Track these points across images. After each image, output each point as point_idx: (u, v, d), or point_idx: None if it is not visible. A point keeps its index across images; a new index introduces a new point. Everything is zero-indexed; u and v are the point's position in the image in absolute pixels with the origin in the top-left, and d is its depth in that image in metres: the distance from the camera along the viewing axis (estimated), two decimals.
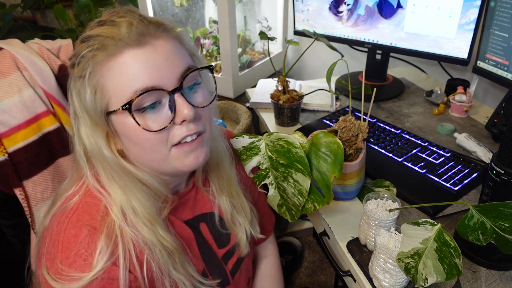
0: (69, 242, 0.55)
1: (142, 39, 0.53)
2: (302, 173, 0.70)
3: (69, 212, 0.58)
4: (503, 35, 1.00)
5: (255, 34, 1.80)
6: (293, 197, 0.73)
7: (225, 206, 0.72)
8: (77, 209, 0.58)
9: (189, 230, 0.68)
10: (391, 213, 0.68)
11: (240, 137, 0.74)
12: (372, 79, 1.36)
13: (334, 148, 0.70)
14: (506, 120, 0.99)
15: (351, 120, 0.77)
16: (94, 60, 0.53)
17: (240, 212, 0.74)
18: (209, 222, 0.72)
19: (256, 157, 0.74)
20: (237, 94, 1.57)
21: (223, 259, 0.74)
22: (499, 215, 0.54)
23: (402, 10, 1.16)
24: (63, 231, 0.56)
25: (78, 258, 0.54)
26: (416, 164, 0.92)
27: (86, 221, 0.57)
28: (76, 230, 0.56)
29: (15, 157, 0.79)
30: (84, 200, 0.59)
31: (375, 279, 0.65)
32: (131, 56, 0.53)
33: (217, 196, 0.72)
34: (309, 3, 1.33)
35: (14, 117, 0.78)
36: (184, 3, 1.69)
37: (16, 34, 1.89)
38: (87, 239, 0.55)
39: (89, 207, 0.58)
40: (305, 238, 1.80)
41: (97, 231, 0.56)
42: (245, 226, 0.75)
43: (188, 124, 0.57)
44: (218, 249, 0.73)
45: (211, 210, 0.73)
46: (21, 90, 0.79)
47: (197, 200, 0.71)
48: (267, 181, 0.75)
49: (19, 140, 0.79)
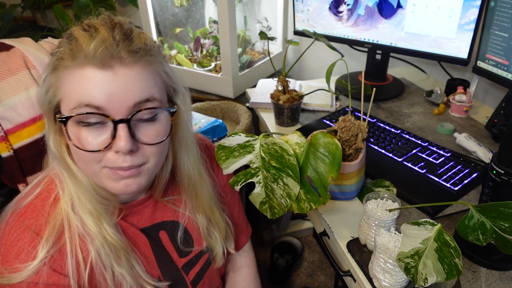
0: (11, 245, 0.57)
1: (107, 61, 0.51)
2: (293, 179, 0.71)
3: (18, 213, 0.59)
4: (503, 35, 1.00)
5: (255, 34, 1.80)
6: (280, 198, 0.74)
7: (201, 220, 0.73)
8: (26, 211, 0.59)
9: (144, 237, 0.68)
10: (391, 213, 0.68)
11: (236, 135, 0.75)
12: (372, 79, 1.36)
13: (332, 149, 0.70)
14: (506, 120, 0.99)
15: (350, 120, 0.77)
16: (62, 63, 0.53)
17: (215, 226, 0.75)
18: (169, 231, 0.71)
19: (249, 155, 0.75)
20: (237, 94, 1.57)
21: (184, 269, 0.73)
22: (499, 215, 0.54)
23: (402, 10, 1.16)
24: (7, 233, 0.58)
25: (16, 262, 0.56)
26: (416, 164, 0.92)
27: (31, 225, 0.58)
28: (18, 233, 0.58)
29: (20, 154, 0.81)
30: (38, 197, 0.61)
31: (375, 279, 0.65)
32: (90, 73, 0.52)
33: (190, 210, 0.72)
34: (309, 3, 1.33)
35: (20, 114, 0.80)
36: (184, 3, 1.69)
37: (16, 34, 1.89)
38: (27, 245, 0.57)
39: (36, 209, 0.60)
40: (305, 238, 1.80)
41: (39, 236, 0.58)
42: (220, 240, 0.75)
43: (124, 156, 0.55)
44: (179, 258, 0.72)
45: (174, 218, 0.72)
46: (28, 88, 0.81)
47: (157, 209, 0.70)
48: (255, 179, 0.75)
49: (24, 137, 0.81)
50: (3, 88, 0.79)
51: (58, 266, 0.58)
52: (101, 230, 0.59)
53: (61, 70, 0.54)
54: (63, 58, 0.53)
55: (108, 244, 0.60)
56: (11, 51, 0.83)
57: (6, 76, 0.79)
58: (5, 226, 0.59)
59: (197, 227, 0.74)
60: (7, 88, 0.79)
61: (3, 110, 0.78)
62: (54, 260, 0.58)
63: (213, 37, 1.69)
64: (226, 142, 0.76)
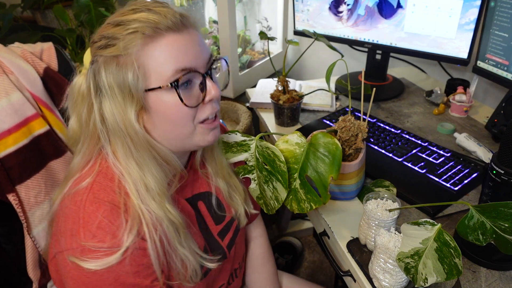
0: (89, 217, 0.57)
1: (181, 26, 0.59)
2: (282, 185, 0.73)
3: (84, 192, 0.59)
4: (503, 35, 1.00)
5: (255, 34, 1.80)
6: (270, 200, 0.76)
7: (222, 185, 0.78)
8: (92, 188, 0.60)
9: (190, 207, 0.72)
10: (391, 213, 0.68)
11: (233, 133, 0.78)
12: (372, 79, 1.36)
13: (332, 149, 0.70)
14: (506, 120, 0.99)
15: (350, 120, 0.77)
16: (138, 41, 0.57)
17: (235, 190, 0.80)
18: (206, 201, 0.77)
19: (245, 153, 0.77)
20: (237, 94, 1.57)
21: (219, 235, 0.78)
22: (499, 215, 0.54)
23: (402, 10, 1.16)
24: (82, 208, 0.58)
25: (100, 231, 0.56)
26: (416, 164, 0.92)
27: (104, 197, 0.59)
28: (94, 206, 0.58)
29: (6, 162, 0.77)
30: (97, 180, 0.61)
31: (375, 279, 0.65)
32: (172, 39, 0.58)
33: (214, 178, 0.77)
34: (309, 3, 1.33)
35: (3, 121, 0.76)
36: (184, 3, 1.69)
37: (16, 34, 1.88)
38: (108, 214, 0.57)
39: (104, 186, 0.60)
40: (305, 238, 1.80)
41: (118, 207, 0.59)
42: (241, 201, 0.81)
43: (212, 104, 0.63)
44: (215, 226, 0.78)
45: (208, 189, 0.77)
46: (8, 93, 0.77)
47: (195, 181, 0.76)
48: (251, 176, 0.78)
49: (10, 145, 0.77)
50: None
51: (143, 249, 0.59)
52: (165, 211, 0.62)
53: (139, 49, 0.57)
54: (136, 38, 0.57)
55: (172, 224, 0.63)
56: None
57: None
58: (75, 204, 0.59)
59: (222, 193, 0.78)
60: None
61: None
62: (139, 244, 0.59)
63: (213, 37, 1.69)
64: (225, 138, 0.78)
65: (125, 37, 0.57)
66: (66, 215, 0.59)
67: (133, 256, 0.58)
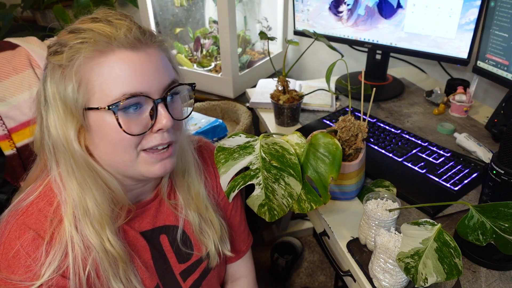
0: (9, 244, 0.55)
1: (137, 44, 0.54)
2: (295, 178, 0.70)
3: (19, 213, 0.57)
4: (503, 35, 1.00)
5: (255, 34, 1.80)
6: (282, 199, 0.73)
7: (193, 217, 0.72)
8: (27, 211, 0.57)
9: (144, 242, 0.67)
10: (391, 213, 0.68)
11: (236, 136, 0.74)
12: (372, 79, 1.36)
13: (332, 149, 0.70)
14: (506, 120, 0.99)
15: (350, 120, 0.77)
16: (84, 53, 0.52)
17: (209, 225, 0.73)
18: (170, 235, 0.71)
19: (249, 156, 0.74)
20: (237, 94, 1.57)
21: (182, 275, 0.72)
22: (499, 215, 0.54)
23: (402, 10, 1.16)
24: (6, 232, 0.56)
25: (15, 261, 0.54)
26: (416, 164, 0.92)
27: (32, 224, 0.56)
28: (18, 232, 0.56)
29: (23, 152, 0.81)
30: (35, 202, 0.58)
31: (375, 279, 0.65)
32: (124, 58, 0.53)
33: (184, 209, 0.71)
34: (309, 3, 1.33)
35: (23, 113, 0.80)
36: (184, 3, 1.69)
37: (16, 34, 1.88)
38: (28, 244, 0.55)
39: (39, 210, 0.58)
40: (305, 238, 1.80)
41: (41, 238, 0.56)
42: (214, 239, 0.74)
43: (163, 134, 0.57)
44: (178, 264, 0.72)
45: (174, 223, 0.71)
46: (31, 87, 0.82)
47: (160, 212, 0.70)
48: (254, 181, 0.74)
49: (27, 136, 0.82)
50: (7, 86, 0.79)
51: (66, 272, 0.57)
52: (102, 241, 0.58)
53: (85, 62, 0.52)
54: (85, 48, 0.52)
55: (107, 257, 0.58)
56: (16, 50, 0.83)
57: (11, 74, 0.80)
58: (5, 225, 0.57)
59: (191, 227, 0.73)
60: (11, 87, 0.80)
61: (7, 108, 0.79)
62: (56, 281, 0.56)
63: (213, 37, 1.69)
64: (226, 143, 0.75)
65: (72, 47, 0.52)
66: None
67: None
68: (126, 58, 0.53)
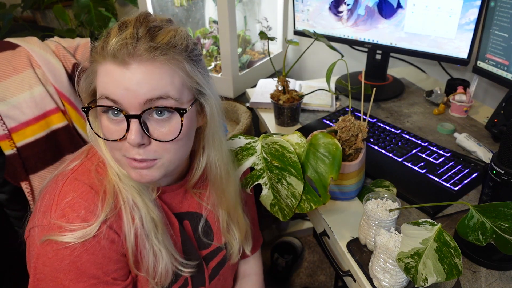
0: (64, 196, 0.57)
1: (124, 58, 0.52)
2: (296, 177, 0.71)
3: (68, 173, 0.60)
4: (503, 35, 1.00)
5: (255, 34, 1.80)
6: (286, 199, 0.73)
7: (222, 213, 0.74)
8: (77, 170, 0.61)
9: (175, 219, 0.70)
10: (391, 213, 0.68)
11: (236, 138, 0.75)
12: (372, 79, 1.36)
13: (332, 149, 0.70)
14: (506, 120, 0.99)
15: (350, 120, 0.77)
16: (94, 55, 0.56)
17: (236, 224, 0.77)
18: (192, 223, 0.73)
19: (251, 157, 0.75)
20: (237, 94, 1.57)
21: (204, 259, 0.75)
22: (499, 215, 0.54)
23: (402, 10, 1.16)
24: (60, 186, 0.58)
25: (71, 211, 0.56)
26: (416, 164, 0.92)
27: (85, 179, 0.60)
28: (72, 185, 0.59)
29: (23, 152, 0.82)
30: (84, 163, 0.62)
31: (375, 279, 0.65)
32: (110, 68, 0.54)
33: (217, 206, 0.74)
34: (309, 3, 1.33)
35: (24, 113, 0.81)
36: (184, 3, 1.69)
37: (16, 34, 1.89)
38: (83, 195, 0.58)
39: (89, 169, 0.61)
40: (305, 238, 1.80)
41: (95, 192, 0.59)
42: (239, 238, 0.77)
43: (135, 148, 0.56)
44: (199, 250, 0.74)
45: (197, 210, 0.74)
46: (32, 87, 0.82)
47: (185, 198, 0.73)
48: (261, 181, 0.75)
49: (27, 136, 0.82)
50: (7, 86, 0.79)
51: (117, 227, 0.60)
52: (145, 202, 0.62)
53: (94, 62, 0.56)
54: (96, 52, 0.55)
55: (150, 217, 0.62)
56: (16, 50, 0.83)
57: (11, 74, 0.80)
58: (56, 181, 0.60)
59: (217, 221, 0.75)
60: (11, 87, 0.80)
61: (7, 108, 0.79)
62: (113, 222, 0.59)
63: (213, 37, 1.69)
64: (228, 146, 0.75)
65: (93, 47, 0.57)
66: (45, 193, 0.59)
67: (100, 246, 0.57)
68: (110, 68, 0.54)
